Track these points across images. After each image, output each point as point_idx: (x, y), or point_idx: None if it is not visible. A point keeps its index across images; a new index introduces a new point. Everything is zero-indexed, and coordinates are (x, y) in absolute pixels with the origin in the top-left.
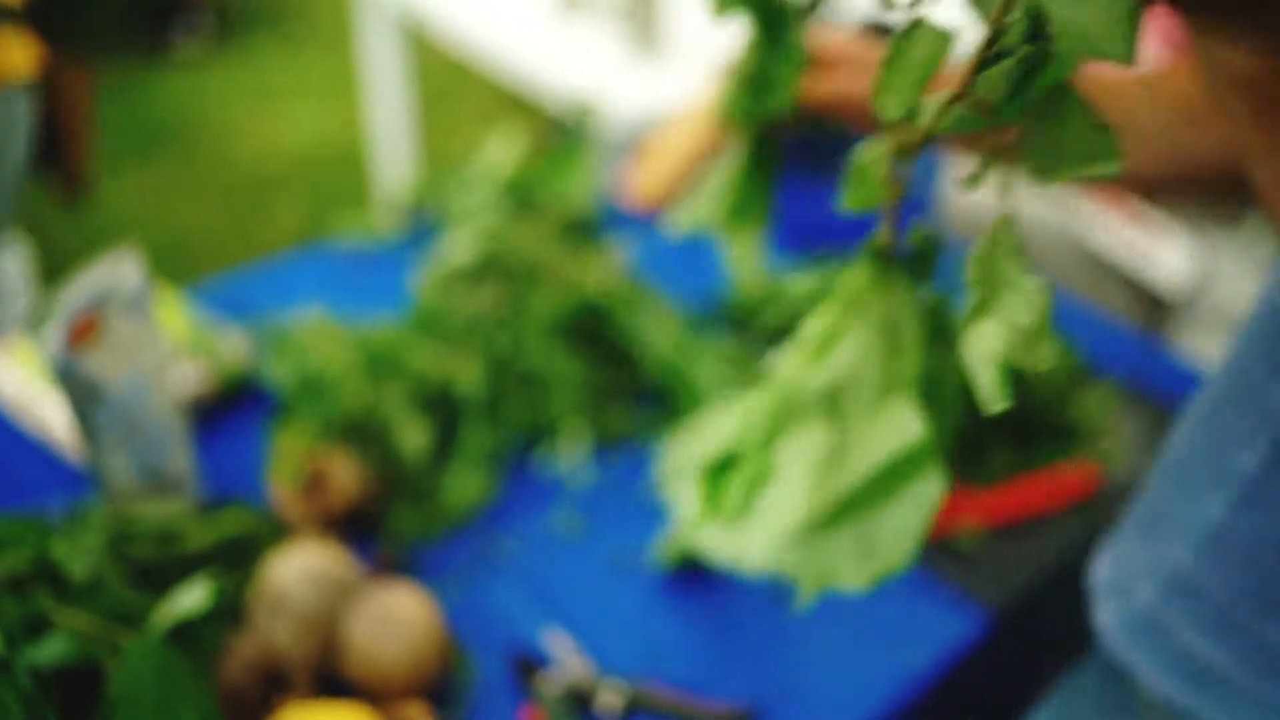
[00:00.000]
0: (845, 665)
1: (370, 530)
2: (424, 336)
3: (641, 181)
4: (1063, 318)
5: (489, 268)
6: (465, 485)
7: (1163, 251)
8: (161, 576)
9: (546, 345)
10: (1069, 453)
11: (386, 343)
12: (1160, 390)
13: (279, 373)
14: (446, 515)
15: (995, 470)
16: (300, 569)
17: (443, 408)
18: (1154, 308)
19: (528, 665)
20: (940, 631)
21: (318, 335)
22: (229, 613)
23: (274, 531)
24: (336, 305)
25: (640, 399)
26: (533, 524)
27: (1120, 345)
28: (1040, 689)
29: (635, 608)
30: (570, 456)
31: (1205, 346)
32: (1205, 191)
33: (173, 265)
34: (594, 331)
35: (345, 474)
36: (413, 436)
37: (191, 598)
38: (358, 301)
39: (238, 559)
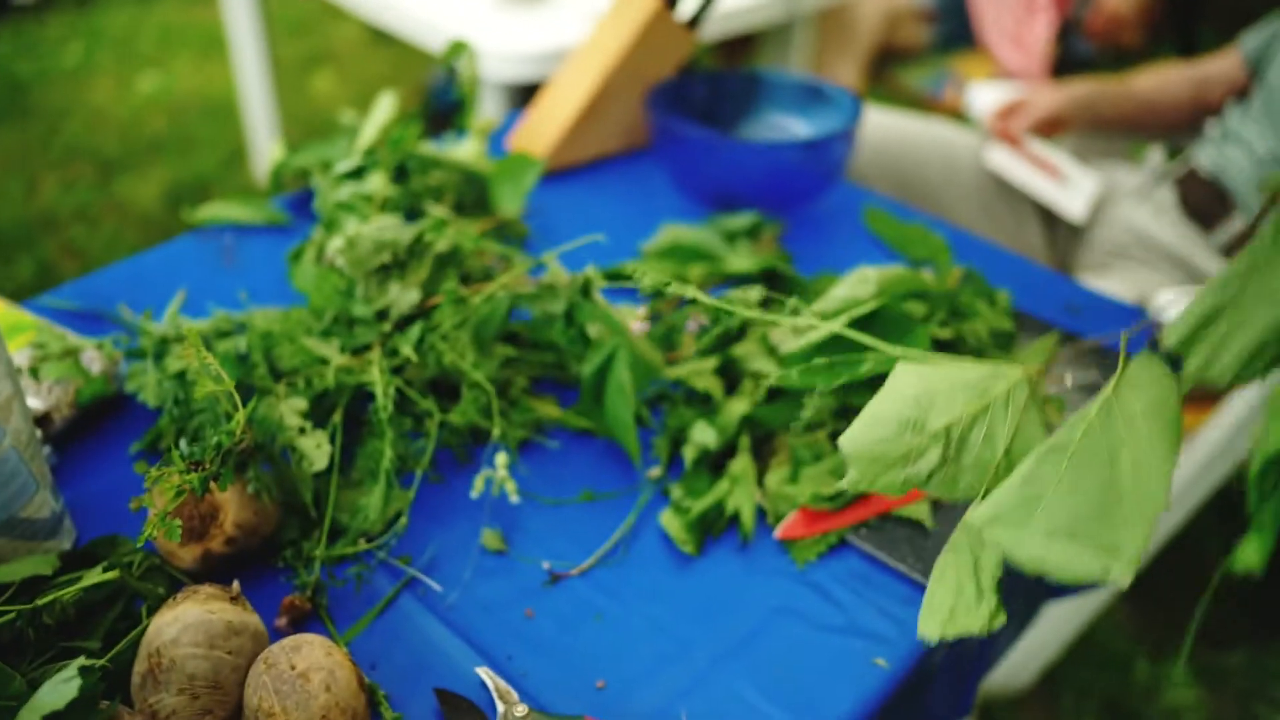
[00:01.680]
0: (792, 683)
1: (272, 564)
2: (318, 336)
3: (531, 137)
4: (992, 265)
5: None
6: (376, 504)
7: (1074, 188)
8: (24, 649)
9: (461, 345)
10: None
11: (275, 345)
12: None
13: (149, 394)
14: (356, 540)
15: None
16: (191, 627)
17: (345, 418)
18: (1064, 237)
19: (456, 707)
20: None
21: (193, 344)
22: (109, 689)
23: (159, 574)
24: (217, 298)
25: (566, 389)
26: (453, 543)
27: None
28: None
29: (568, 631)
30: (492, 466)
31: (1097, 267)
32: None
33: (26, 246)
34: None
35: (236, 505)
36: (313, 454)
37: (59, 690)
38: (238, 293)
39: (117, 619)
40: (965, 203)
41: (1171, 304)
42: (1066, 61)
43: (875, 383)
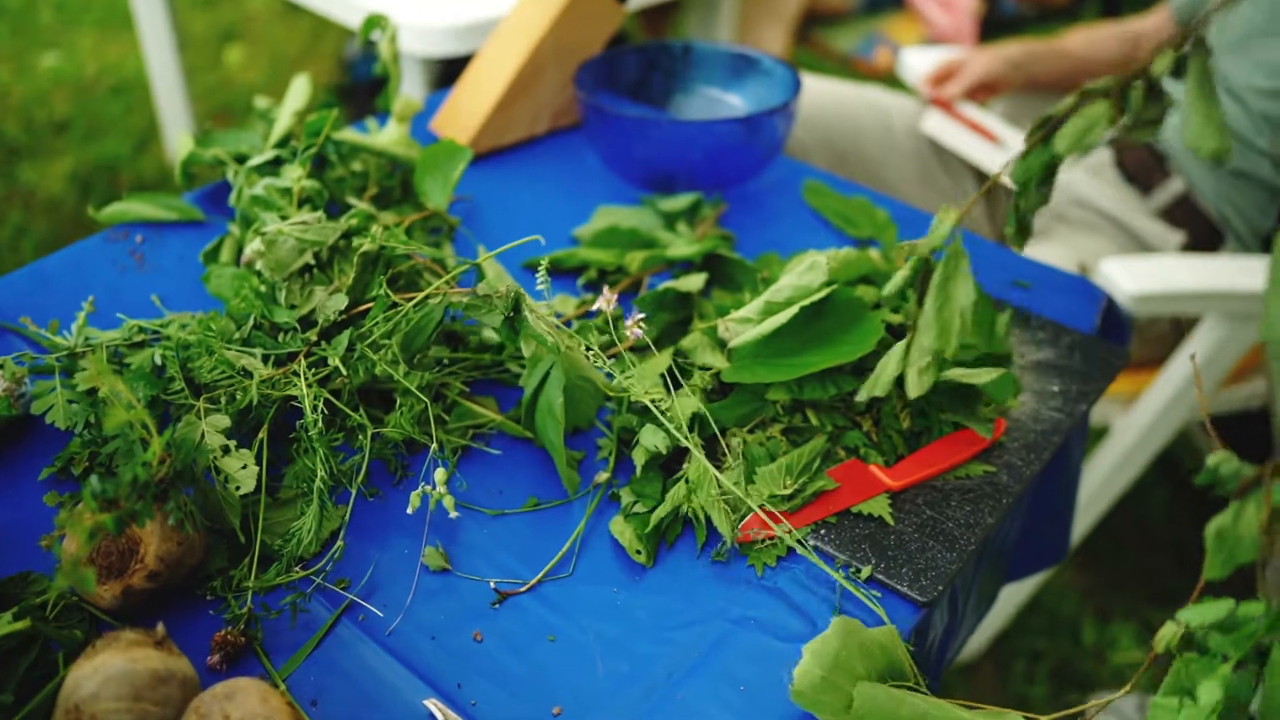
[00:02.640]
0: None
1: (200, 596)
2: (238, 346)
3: (455, 119)
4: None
5: (311, 262)
6: (309, 527)
7: (1011, 152)
8: None
9: (392, 353)
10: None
11: (193, 357)
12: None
13: (59, 416)
14: (290, 566)
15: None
16: (113, 679)
17: (271, 431)
18: (1003, 203)
19: None
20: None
21: (100, 370)
22: None
23: (76, 615)
24: (128, 305)
25: (506, 390)
26: (392, 563)
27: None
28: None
29: (520, 655)
30: (429, 481)
31: (1036, 233)
32: None
33: None
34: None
35: (158, 537)
36: (239, 476)
37: None
38: (152, 298)
39: (30, 667)
40: (903, 170)
41: (1117, 273)
42: (994, 21)
43: (827, 376)
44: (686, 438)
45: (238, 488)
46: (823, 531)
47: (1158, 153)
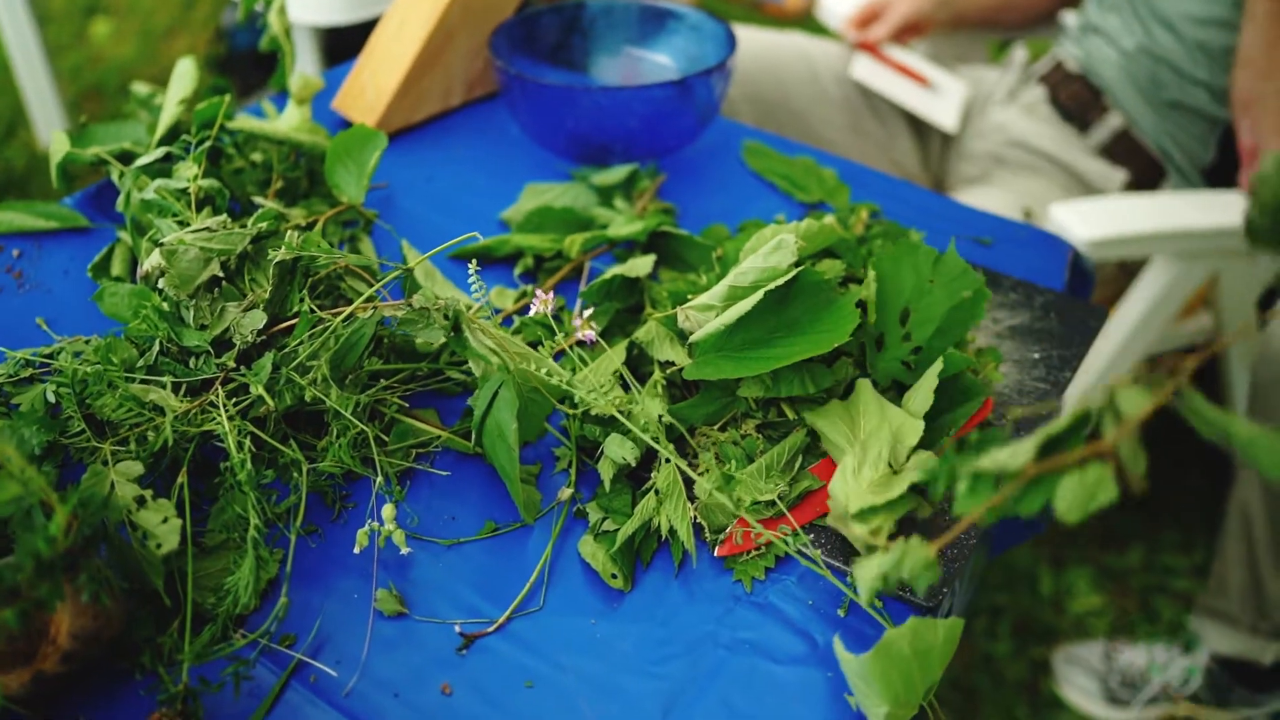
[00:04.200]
0: None
1: (127, 671)
2: (144, 374)
3: (360, 97)
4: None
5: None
6: (245, 581)
7: (943, 96)
8: None
9: (320, 374)
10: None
11: (93, 393)
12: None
13: None
14: (226, 627)
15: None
16: None
17: (191, 469)
18: (937, 149)
19: None
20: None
21: None
22: None
23: None
24: (9, 333)
25: (448, 400)
26: (341, 611)
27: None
28: None
29: (496, 706)
30: (375, 517)
31: (976, 178)
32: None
33: None
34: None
35: (71, 612)
36: (160, 531)
37: None
38: (35, 319)
39: None
40: (832, 120)
41: (1069, 219)
42: None
43: (802, 368)
44: (663, 446)
45: (159, 545)
46: (812, 536)
47: (1093, 87)
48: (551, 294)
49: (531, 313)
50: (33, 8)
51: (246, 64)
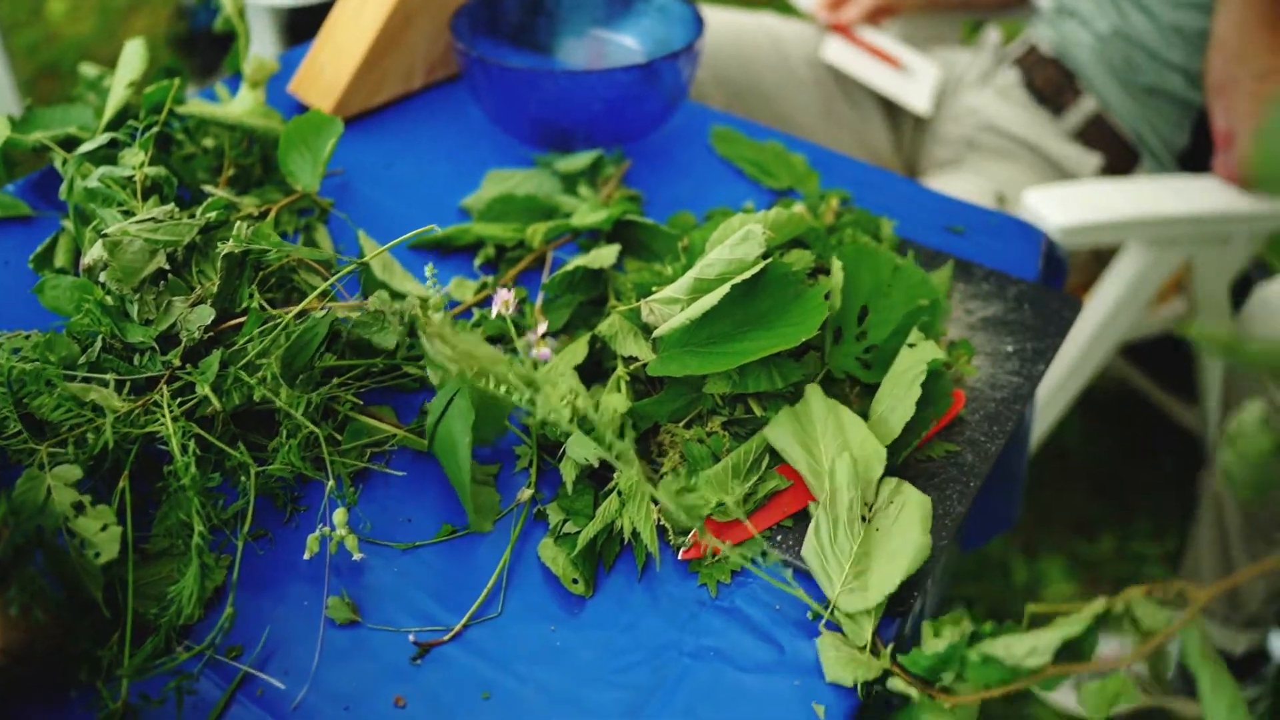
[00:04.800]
0: None
1: (62, 687)
2: (85, 372)
3: (317, 79)
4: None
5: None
6: (190, 590)
7: (915, 78)
8: None
9: (270, 373)
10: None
11: (31, 392)
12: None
13: None
14: (169, 639)
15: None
16: None
17: (133, 471)
18: (910, 133)
19: None
20: None
21: None
22: None
23: None
24: None
25: (404, 396)
26: (290, 619)
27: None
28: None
29: (453, 717)
30: (327, 522)
31: (949, 163)
32: None
33: None
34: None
35: (1, 625)
36: (99, 540)
37: None
38: None
39: None
40: (803, 103)
41: (1042, 205)
42: None
43: (770, 362)
44: (617, 453)
45: (97, 554)
46: (779, 537)
47: (1067, 70)
48: (512, 291)
49: (493, 313)
50: None
51: (206, 43)
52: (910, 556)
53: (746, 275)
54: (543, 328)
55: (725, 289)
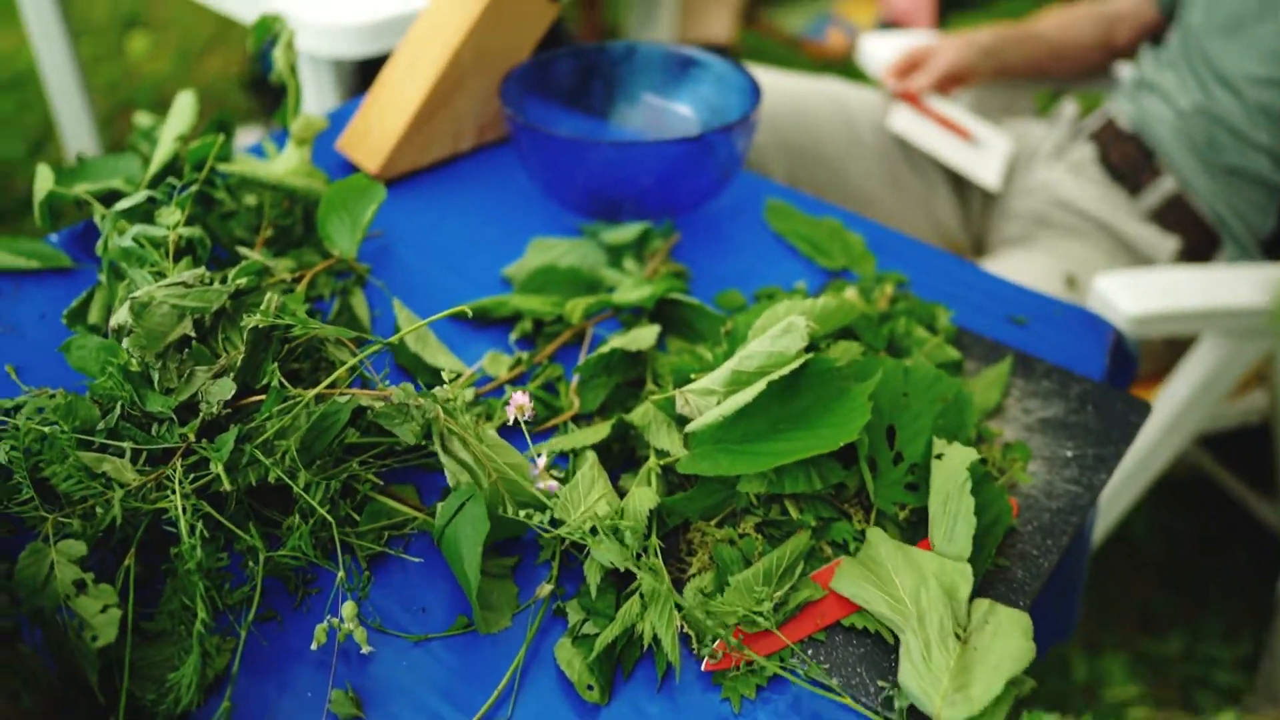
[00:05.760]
0: None
1: None
2: (103, 439)
3: (364, 138)
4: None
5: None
6: (189, 678)
7: (986, 151)
8: None
9: (288, 455)
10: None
11: (45, 459)
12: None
13: None
14: None
15: None
16: None
17: (142, 544)
18: (979, 207)
19: None
20: None
21: None
22: None
23: None
24: None
25: (428, 475)
26: (293, 708)
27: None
28: None
29: None
30: (335, 607)
31: (1019, 240)
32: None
33: None
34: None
35: None
36: (97, 621)
37: None
38: (4, 366)
39: None
40: (868, 172)
41: (1114, 292)
42: None
43: (809, 462)
44: (643, 568)
45: (94, 637)
46: (810, 651)
47: (1146, 148)
48: (528, 396)
49: (510, 414)
50: (68, 21)
51: (279, 88)
52: (1015, 660)
53: (785, 371)
54: (541, 460)
55: (762, 385)
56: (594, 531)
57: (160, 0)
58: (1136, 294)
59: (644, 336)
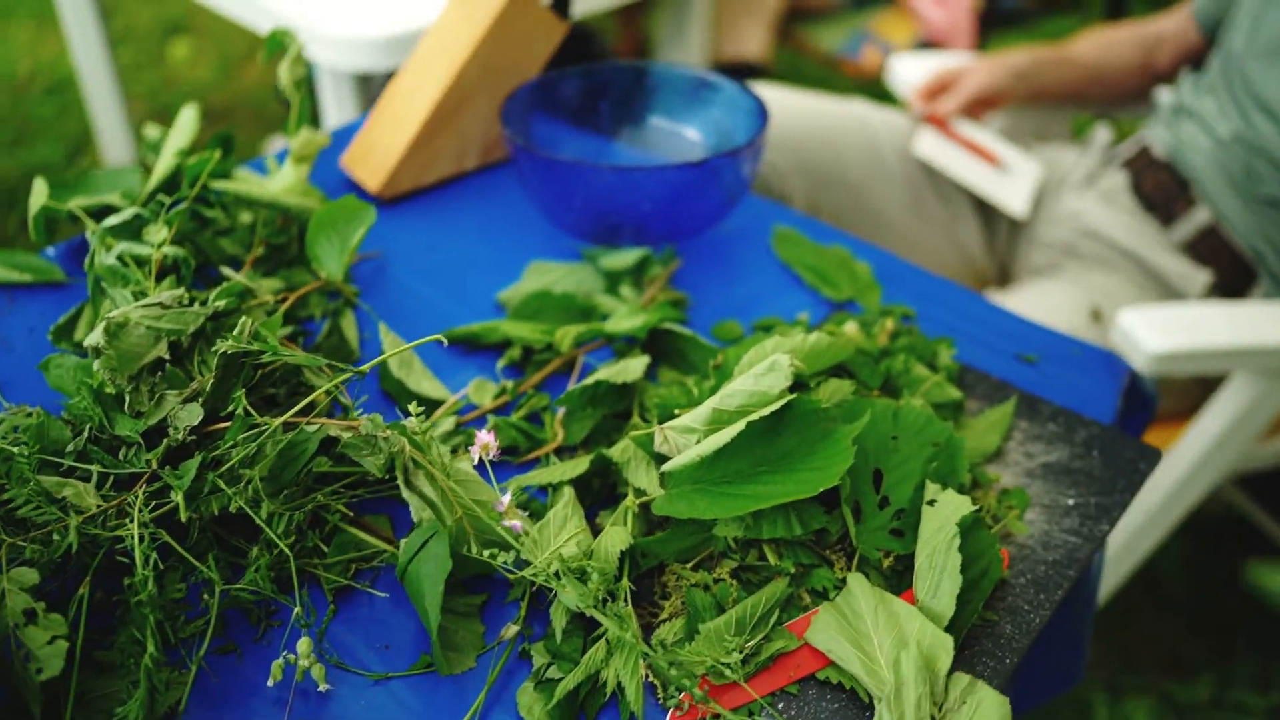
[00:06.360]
0: None
1: None
2: (71, 461)
3: (366, 156)
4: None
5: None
6: (135, 714)
7: (1014, 177)
8: None
9: (253, 485)
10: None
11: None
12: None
13: None
14: None
15: None
16: None
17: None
18: (1005, 234)
19: None
20: None
21: None
22: None
23: None
24: None
25: (401, 506)
26: None
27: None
28: None
29: None
30: (293, 643)
31: (1045, 268)
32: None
33: None
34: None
35: None
36: (44, 654)
37: None
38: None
39: None
40: (891, 196)
41: (1138, 327)
42: (993, 16)
43: (789, 507)
44: (603, 612)
45: (39, 669)
46: (780, 705)
47: (1180, 178)
48: (493, 435)
49: (474, 456)
50: (107, 29)
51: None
52: None
53: (765, 412)
54: (506, 497)
55: (741, 425)
56: (558, 575)
57: (203, 8)
58: (1162, 330)
59: (632, 368)
